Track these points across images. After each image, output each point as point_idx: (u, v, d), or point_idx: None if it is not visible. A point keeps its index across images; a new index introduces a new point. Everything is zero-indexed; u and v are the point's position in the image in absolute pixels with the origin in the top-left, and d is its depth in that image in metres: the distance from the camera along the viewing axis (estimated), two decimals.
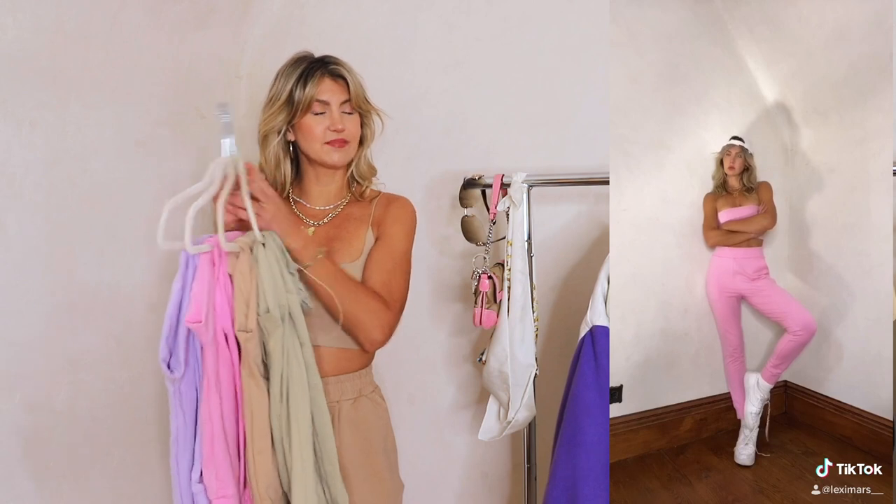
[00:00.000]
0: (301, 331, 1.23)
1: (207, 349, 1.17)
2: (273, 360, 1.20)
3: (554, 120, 1.74)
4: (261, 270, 1.19)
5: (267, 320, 1.18)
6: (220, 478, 1.18)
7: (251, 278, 1.18)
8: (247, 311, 1.17)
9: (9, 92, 1.25)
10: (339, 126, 1.37)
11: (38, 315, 1.34)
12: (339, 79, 1.38)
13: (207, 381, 1.18)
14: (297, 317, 1.22)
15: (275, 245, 1.22)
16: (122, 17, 1.45)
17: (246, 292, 1.18)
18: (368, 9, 1.81)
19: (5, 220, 1.26)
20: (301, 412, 1.20)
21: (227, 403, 1.18)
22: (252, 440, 1.18)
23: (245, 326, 1.17)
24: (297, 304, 1.23)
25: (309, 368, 1.23)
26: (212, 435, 1.18)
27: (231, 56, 1.81)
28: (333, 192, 1.46)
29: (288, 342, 1.21)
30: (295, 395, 1.20)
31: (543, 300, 1.71)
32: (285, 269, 1.23)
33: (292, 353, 1.21)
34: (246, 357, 1.18)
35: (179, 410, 1.22)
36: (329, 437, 1.25)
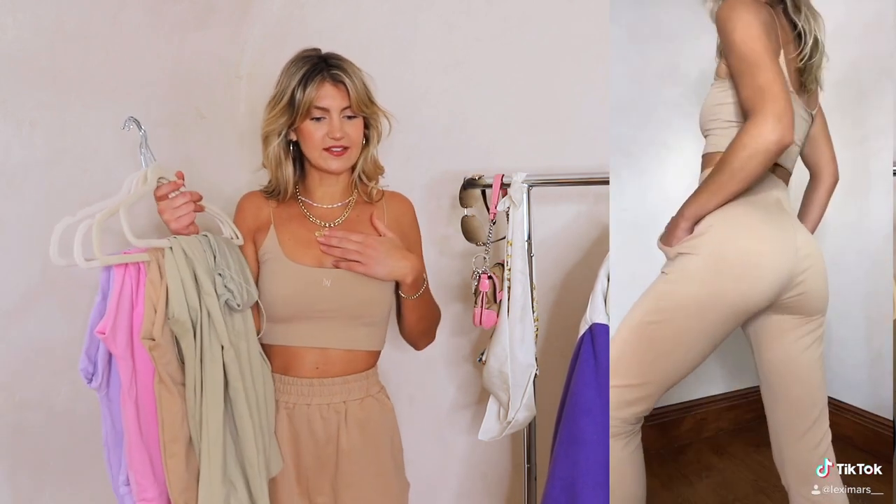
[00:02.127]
0: (222, 333, 1.23)
1: (120, 359, 1.17)
2: (186, 364, 1.21)
3: (554, 120, 1.74)
4: (168, 276, 1.19)
5: (174, 324, 1.19)
6: (139, 482, 1.19)
7: (161, 285, 1.19)
8: (153, 318, 1.17)
9: (9, 92, 1.25)
10: (337, 133, 1.36)
11: (38, 315, 1.34)
12: (340, 84, 1.36)
13: (123, 390, 1.18)
14: (217, 320, 1.23)
15: (184, 247, 1.22)
16: (122, 17, 1.45)
17: (154, 300, 1.18)
18: (368, 9, 1.81)
19: (5, 219, 1.26)
20: (212, 416, 1.21)
21: (146, 410, 1.19)
22: (164, 445, 1.19)
23: (149, 334, 1.17)
24: (216, 306, 1.23)
25: (230, 372, 1.23)
26: (129, 441, 1.19)
27: (231, 56, 1.81)
28: (339, 192, 1.47)
29: (203, 346, 1.21)
30: (207, 399, 1.21)
31: (543, 300, 1.71)
32: (204, 272, 1.23)
33: (208, 356, 1.21)
34: (156, 364, 1.18)
35: (108, 416, 1.24)
36: (249, 443, 1.25)
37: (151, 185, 1.26)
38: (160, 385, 1.19)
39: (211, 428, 1.20)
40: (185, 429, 1.21)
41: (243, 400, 1.25)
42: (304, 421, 1.38)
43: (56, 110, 1.33)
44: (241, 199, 1.48)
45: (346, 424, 1.39)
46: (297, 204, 1.46)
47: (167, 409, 1.19)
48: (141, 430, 1.19)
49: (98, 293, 1.20)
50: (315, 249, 1.41)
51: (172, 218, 1.27)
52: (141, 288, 1.18)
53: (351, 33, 1.80)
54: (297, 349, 1.39)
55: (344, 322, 1.39)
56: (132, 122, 1.28)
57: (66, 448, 1.40)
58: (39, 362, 1.34)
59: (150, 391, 1.19)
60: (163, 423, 1.19)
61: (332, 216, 1.45)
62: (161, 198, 1.28)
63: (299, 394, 1.38)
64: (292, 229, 1.43)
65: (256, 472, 1.25)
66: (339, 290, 1.38)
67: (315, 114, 1.36)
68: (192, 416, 1.20)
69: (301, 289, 1.37)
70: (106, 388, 1.22)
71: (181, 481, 1.20)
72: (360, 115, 1.39)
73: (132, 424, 1.18)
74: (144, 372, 1.18)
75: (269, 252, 1.40)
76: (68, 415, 1.40)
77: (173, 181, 1.30)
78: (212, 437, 1.20)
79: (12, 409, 1.30)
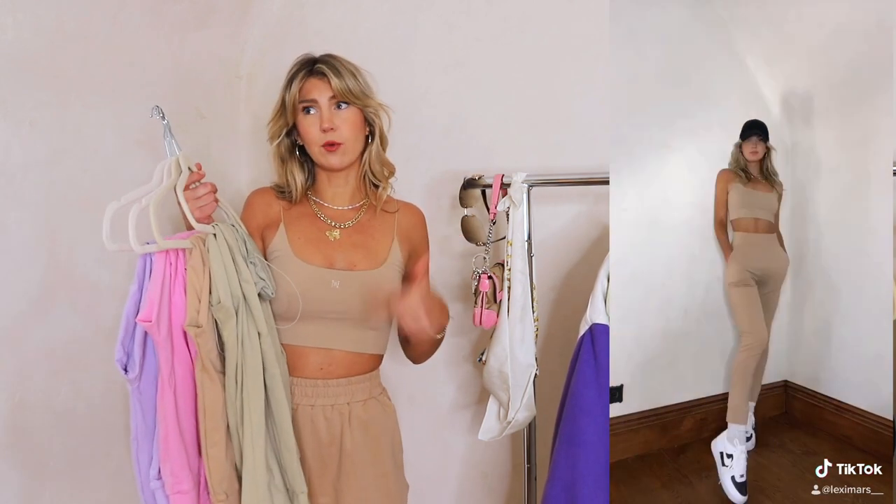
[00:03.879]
0: (259, 320, 1.24)
1: (161, 348, 1.17)
2: (228, 350, 1.21)
3: (554, 120, 1.74)
4: (212, 262, 1.20)
5: (218, 310, 1.19)
6: (174, 473, 1.19)
7: (204, 272, 1.19)
8: (198, 306, 1.18)
9: (9, 92, 1.25)
10: (325, 123, 1.37)
11: (38, 315, 1.34)
12: (323, 76, 1.38)
13: (162, 379, 1.18)
14: (255, 306, 1.23)
15: (225, 235, 1.23)
16: (122, 17, 1.45)
17: (198, 287, 1.18)
18: (368, 9, 1.81)
19: (5, 220, 1.26)
20: (254, 402, 1.20)
21: (184, 400, 1.19)
22: (205, 434, 1.19)
23: (195, 321, 1.17)
24: (253, 293, 1.23)
25: (266, 358, 1.24)
26: (166, 432, 1.19)
27: (231, 56, 1.81)
28: (349, 193, 1.47)
29: (243, 332, 1.21)
30: (248, 385, 1.21)
31: (543, 300, 1.71)
32: (241, 259, 1.23)
33: (247, 343, 1.21)
34: (199, 351, 1.18)
35: (139, 408, 1.23)
36: (287, 427, 1.25)
37: (186, 173, 1.28)
38: (202, 373, 1.18)
39: (254, 415, 1.20)
40: (226, 417, 1.20)
41: (281, 386, 1.25)
42: (307, 422, 1.38)
43: (56, 110, 1.33)
44: (250, 194, 1.48)
45: (349, 426, 1.39)
46: (309, 203, 1.46)
47: (210, 397, 1.18)
48: (179, 419, 1.18)
49: (133, 283, 1.20)
50: (325, 249, 1.41)
51: (195, 207, 1.29)
52: (179, 276, 1.18)
53: (351, 33, 1.80)
54: (303, 349, 1.39)
55: (350, 324, 1.39)
56: (157, 111, 1.30)
57: (66, 448, 1.40)
58: (39, 362, 1.34)
59: (188, 380, 1.19)
60: (205, 412, 1.18)
61: (345, 218, 1.45)
62: (184, 188, 1.29)
63: (303, 394, 1.38)
64: (302, 228, 1.42)
65: (294, 458, 1.25)
66: (347, 292, 1.38)
67: (305, 108, 1.39)
68: (232, 404, 1.20)
69: (309, 288, 1.36)
70: (138, 381, 1.22)
71: (222, 470, 1.19)
72: (351, 106, 1.39)
73: (171, 415, 1.18)
74: (182, 361, 1.18)
75: (278, 250, 1.40)
76: (68, 415, 1.39)
77: (196, 172, 1.32)
78: (255, 425, 1.20)
79: (12, 410, 1.30)
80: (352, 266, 1.40)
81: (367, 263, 1.41)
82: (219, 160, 1.77)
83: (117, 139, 1.45)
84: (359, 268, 1.40)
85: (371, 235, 1.44)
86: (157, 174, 1.25)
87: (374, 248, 1.43)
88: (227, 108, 1.81)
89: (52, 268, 1.33)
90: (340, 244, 1.42)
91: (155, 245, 1.15)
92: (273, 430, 1.25)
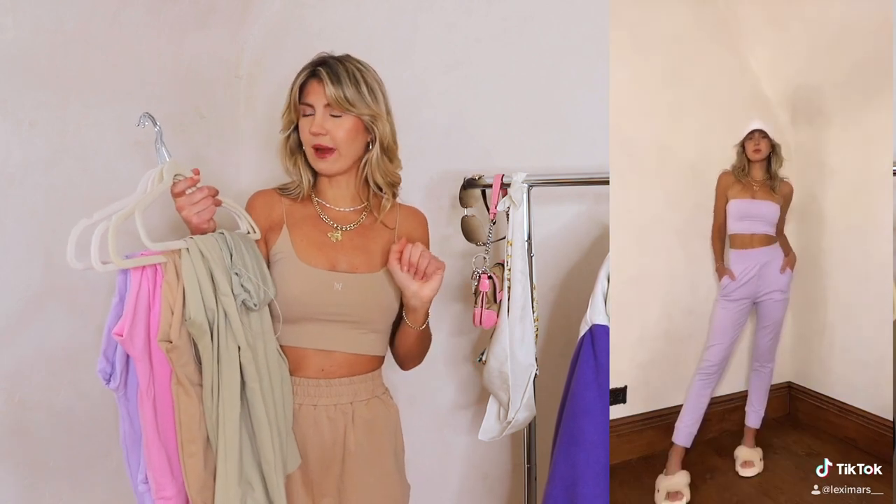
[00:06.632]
0: (238, 333, 1.22)
1: (138, 360, 1.17)
2: (203, 365, 1.20)
3: (554, 120, 1.74)
4: (185, 277, 1.19)
5: (191, 325, 1.18)
6: (157, 480, 1.19)
7: (178, 287, 1.18)
8: (171, 321, 1.17)
9: (9, 92, 1.25)
10: (314, 128, 1.36)
11: (38, 315, 1.34)
12: (322, 81, 1.36)
13: (140, 391, 1.18)
14: (234, 320, 1.22)
15: (201, 248, 1.21)
16: (122, 17, 1.45)
17: (171, 302, 1.17)
18: (368, 9, 1.81)
19: (5, 220, 1.26)
20: (228, 416, 1.20)
21: (164, 410, 1.19)
22: (181, 445, 1.19)
23: (167, 336, 1.16)
24: (233, 306, 1.22)
25: (246, 372, 1.23)
26: (147, 441, 1.19)
27: (231, 56, 1.82)
28: (349, 195, 1.47)
29: (221, 346, 1.20)
30: (224, 399, 1.20)
31: (543, 300, 1.71)
32: (221, 272, 1.22)
33: (225, 357, 1.21)
34: (174, 365, 1.17)
35: (126, 416, 1.23)
36: (265, 441, 1.24)
37: (167, 184, 1.25)
38: (177, 386, 1.18)
39: (228, 429, 1.20)
40: (203, 429, 1.20)
41: (260, 401, 1.24)
42: (310, 422, 1.38)
43: (56, 110, 1.33)
44: (251, 196, 1.47)
45: (353, 426, 1.39)
46: (313, 204, 1.46)
47: (185, 411, 1.18)
48: (159, 430, 1.18)
49: (115, 295, 1.19)
50: (327, 252, 1.41)
51: (192, 214, 1.26)
52: (158, 290, 1.17)
53: (351, 33, 1.81)
54: (304, 350, 1.38)
55: (351, 326, 1.39)
56: (147, 118, 1.26)
57: (66, 448, 1.40)
58: (39, 362, 1.34)
59: (167, 392, 1.18)
60: (180, 424, 1.18)
61: (347, 220, 1.45)
62: (178, 194, 1.27)
63: (305, 394, 1.38)
64: (305, 230, 1.42)
65: (273, 473, 1.24)
66: (349, 295, 1.38)
67: (305, 110, 1.39)
68: (209, 417, 1.20)
69: (311, 291, 1.36)
70: (124, 389, 1.22)
71: (199, 480, 1.19)
72: (350, 116, 1.37)
73: (150, 425, 1.18)
74: (162, 373, 1.18)
75: (281, 252, 1.39)
76: (68, 415, 1.40)
77: (190, 177, 1.28)
78: (228, 438, 1.20)
79: (12, 410, 1.30)
80: (354, 269, 1.40)
81: (368, 267, 1.41)
82: (219, 160, 1.77)
83: (117, 139, 1.45)
84: (360, 271, 1.40)
85: (372, 239, 1.45)
86: (141, 184, 1.24)
87: (376, 251, 1.44)
88: (227, 108, 1.81)
89: (52, 268, 1.33)
90: (342, 246, 1.42)
91: (113, 265, 1.12)
92: (253, 444, 1.25)
